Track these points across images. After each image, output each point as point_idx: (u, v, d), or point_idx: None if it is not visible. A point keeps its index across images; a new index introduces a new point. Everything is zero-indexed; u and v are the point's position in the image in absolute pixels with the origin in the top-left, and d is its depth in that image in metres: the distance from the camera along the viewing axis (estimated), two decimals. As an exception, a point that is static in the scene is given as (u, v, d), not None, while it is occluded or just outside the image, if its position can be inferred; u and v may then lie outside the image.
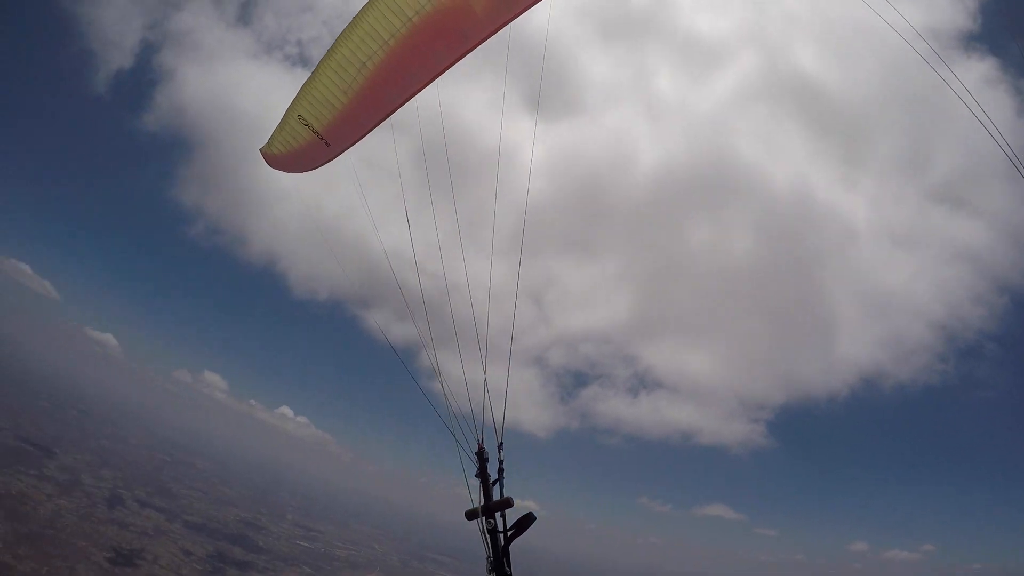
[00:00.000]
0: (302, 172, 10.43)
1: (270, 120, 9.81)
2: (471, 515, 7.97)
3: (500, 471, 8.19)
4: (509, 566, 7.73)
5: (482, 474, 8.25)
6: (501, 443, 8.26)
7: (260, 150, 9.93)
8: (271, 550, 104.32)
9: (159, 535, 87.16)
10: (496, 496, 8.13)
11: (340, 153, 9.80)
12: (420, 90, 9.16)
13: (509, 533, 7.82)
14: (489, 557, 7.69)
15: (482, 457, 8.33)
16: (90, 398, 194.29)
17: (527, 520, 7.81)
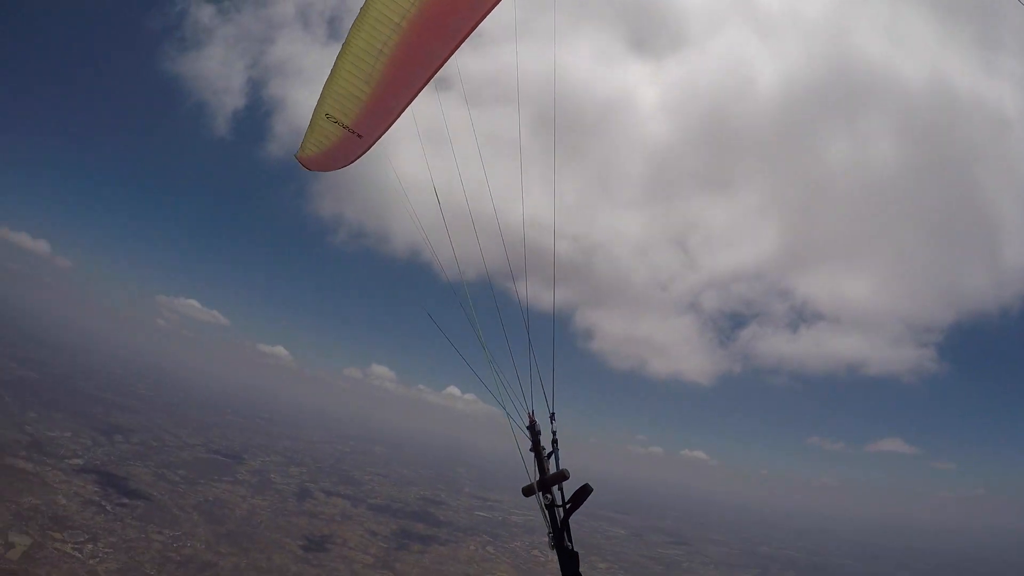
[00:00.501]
0: (340, 168, 10.39)
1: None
2: (528, 491, 7.74)
3: (554, 443, 7.93)
4: (570, 540, 7.37)
5: (535, 448, 7.92)
6: (553, 414, 7.98)
7: (295, 156, 9.87)
8: (452, 522, 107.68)
9: (346, 520, 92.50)
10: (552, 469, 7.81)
11: (374, 143, 9.75)
12: (443, 64, 8.94)
13: (567, 507, 7.49)
14: (549, 532, 7.38)
15: (534, 430, 8.00)
16: (271, 406, 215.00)
17: (584, 492, 7.44)
